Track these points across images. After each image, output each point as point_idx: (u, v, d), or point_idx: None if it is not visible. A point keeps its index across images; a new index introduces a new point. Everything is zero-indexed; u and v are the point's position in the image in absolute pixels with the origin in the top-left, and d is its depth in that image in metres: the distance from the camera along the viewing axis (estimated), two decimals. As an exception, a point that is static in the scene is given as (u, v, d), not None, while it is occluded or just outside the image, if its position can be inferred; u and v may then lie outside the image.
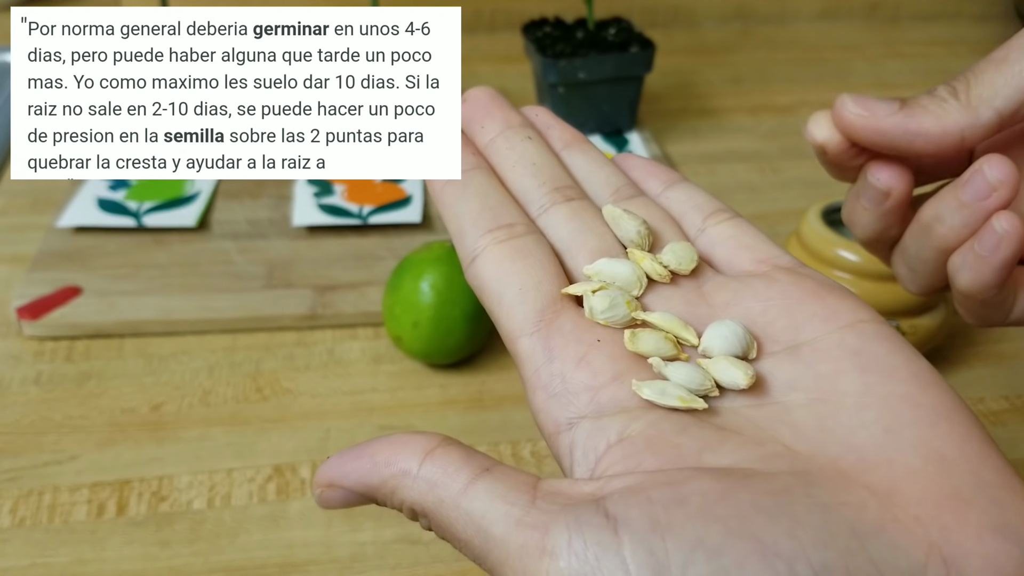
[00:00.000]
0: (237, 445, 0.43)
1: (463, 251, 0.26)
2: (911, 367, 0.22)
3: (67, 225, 0.56)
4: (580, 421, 0.22)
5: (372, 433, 0.44)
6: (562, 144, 0.29)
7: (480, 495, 0.20)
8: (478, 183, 0.27)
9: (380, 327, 0.51)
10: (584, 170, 0.29)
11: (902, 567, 0.18)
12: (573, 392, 0.22)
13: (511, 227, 0.25)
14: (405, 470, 0.21)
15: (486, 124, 0.29)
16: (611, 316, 0.24)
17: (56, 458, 0.42)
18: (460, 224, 0.26)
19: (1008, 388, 0.49)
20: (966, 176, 0.26)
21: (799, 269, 0.25)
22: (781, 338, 0.23)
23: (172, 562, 0.38)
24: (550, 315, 0.24)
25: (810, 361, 0.22)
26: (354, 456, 0.22)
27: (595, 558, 0.18)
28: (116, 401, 0.45)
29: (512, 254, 0.25)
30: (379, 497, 0.21)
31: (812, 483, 0.19)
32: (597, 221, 0.26)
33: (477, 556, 0.20)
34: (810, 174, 0.68)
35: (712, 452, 0.20)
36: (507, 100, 0.30)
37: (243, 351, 0.49)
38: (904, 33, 0.98)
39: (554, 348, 0.23)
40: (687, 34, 0.95)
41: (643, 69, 0.68)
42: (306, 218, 0.58)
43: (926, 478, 0.19)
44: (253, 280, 0.53)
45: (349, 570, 0.38)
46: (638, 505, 0.18)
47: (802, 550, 0.17)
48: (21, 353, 0.48)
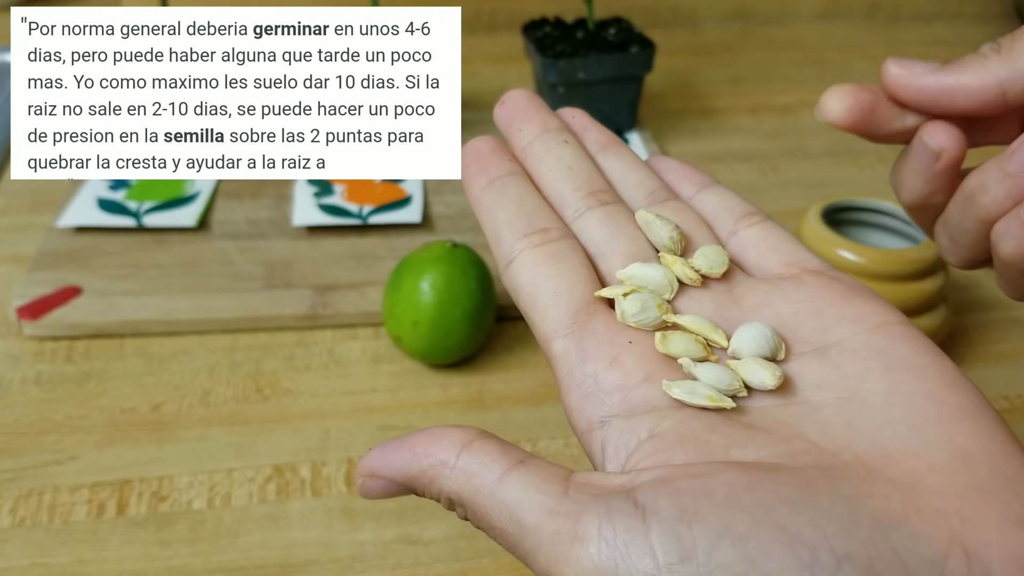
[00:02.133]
0: (237, 445, 0.43)
1: (500, 255, 0.26)
2: (937, 367, 0.22)
3: (67, 225, 0.56)
4: (612, 419, 0.22)
5: (372, 433, 0.44)
6: (598, 147, 0.30)
7: (515, 485, 0.21)
8: (515, 188, 0.27)
9: (380, 327, 0.51)
10: (619, 173, 0.29)
11: (924, 556, 0.18)
12: (606, 392, 0.23)
13: (546, 232, 0.26)
14: (443, 460, 0.22)
15: (524, 128, 0.29)
16: (642, 319, 0.24)
17: (56, 458, 0.42)
18: (497, 229, 0.27)
19: (1008, 388, 0.49)
20: (1013, 147, 0.26)
21: (828, 272, 0.26)
22: (810, 340, 0.24)
23: (172, 562, 0.38)
24: (583, 317, 0.24)
25: (838, 362, 0.23)
26: (395, 448, 0.22)
27: (624, 544, 0.18)
28: (116, 401, 0.45)
29: (547, 258, 0.25)
30: (418, 487, 0.22)
31: (837, 476, 0.20)
32: (630, 226, 0.27)
33: (511, 544, 0.21)
34: (810, 174, 0.68)
35: (740, 448, 0.21)
36: (544, 103, 0.30)
37: (243, 351, 0.49)
38: (904, 33, 0.98)
39: (587, 349, 0.24)
40: (687, 34, 0.95)
41: (643, 69, 0.68)
42: (306, 218, 0.58)
43: (949, 472, 0.20)
44: (253, 280, 0.53)
45: (349, 570, 0.38)
46: (667, 495, 0.19)
47: (826, 539, 0.18)
48: (21, 353, 0.48)
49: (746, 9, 0.98)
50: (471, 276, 0.46)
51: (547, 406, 0.46)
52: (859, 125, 0.28)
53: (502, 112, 0.30)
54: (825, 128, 0.78)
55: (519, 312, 0.25)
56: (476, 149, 0.29)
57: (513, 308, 0.51)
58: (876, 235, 0.51)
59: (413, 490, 0.22)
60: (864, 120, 0.28)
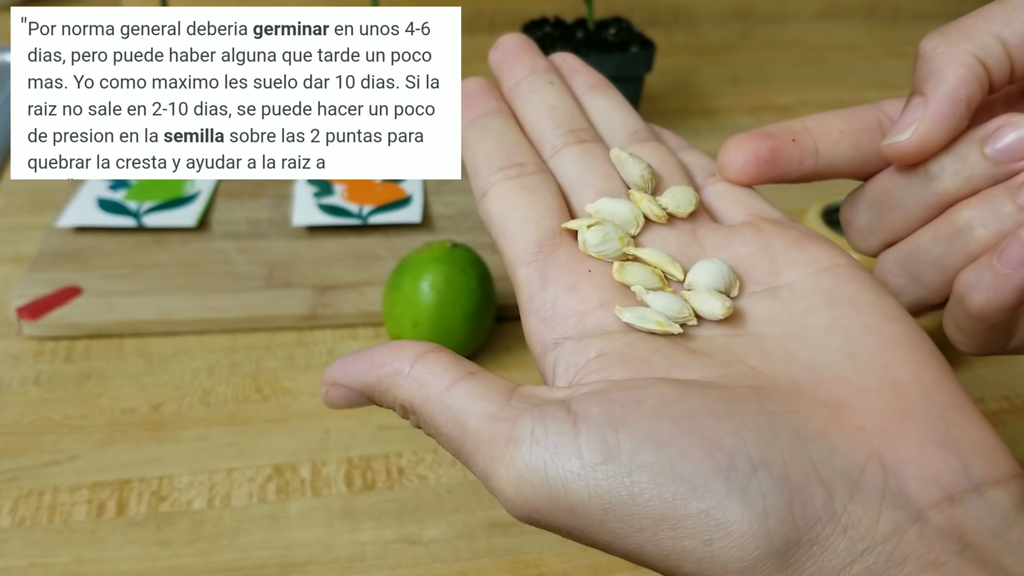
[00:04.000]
0: (237, 445, 0.43)
1: (476, 186, 0.27)
2: (879, 303, 0.23)
3: (67, 225, 0.56)
4: (565, 341, 0.23)
5: (372, 433, 0.44)
6: (585, 87, 0.31)
7: (462, 393, 0.22)
8: (497, 125, 0.28)
9: (380, 327, 0.51)
10: (604, 112, 0.30)
11: (840, 468, 0.19)
12: (562, 316, 0.24)
13: (521, 166, 0.27)
14: (398, 370, 0.23)
15: (513, 68, 0.30)
16: (603, 250, 0.25)
17: (56, 458, 0.42)
18: (476, 162, 0.28)
19: (1008, 388, 0.49)
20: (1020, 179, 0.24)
21: (786, 222, 0.26)
22: (763, 280, 0.25)
23: (172, 562, 0.38)
24: (548, 247, 0.25)
25: (787, 300, 0.24)
26: (355, 358, 0.24)
27: (554, 445, 0.20)
28: (116, 401, 0.45)
29: (519, 190, 0.26)
30: (375, 395, 0.23)
31: (766, 395, 0.20)
32: (605, 163, 0.28)
33: (455, 448, 0.22)
34: (810, 174, 0.68)
35: (680, 368, 0.22)
36: (536, 47, 0.31)
37: (243, 351, 0.49)
38: (904, 33, 0.98)
39: (548, 276, 0.25)
40: (687, 34, 0.95)
41: (643, 69, 0.68)
42: (306, 218, 0.58)
43: (878, 396, 0.20)
44: (253, 280, 0.53)
45: (349, 570, 0.38)
46: (599, 403, 0.20)
47: (744, 446, 0.19)
48: (21, 353, 0.48)
49: (746, 9, 0.98)
50: (471, 276, 0.46)
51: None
52: (762, 177, 0.28)
53: (495, 55, 0.31)
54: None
55: (519, 312, 0.25)
56: (467, 88, 0.30)
57: (513, 308, 0.51)
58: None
59: (372, 398, 0.24)
60: (764, 171, 0.28)
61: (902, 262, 0.28)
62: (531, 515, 0.20)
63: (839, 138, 0.28)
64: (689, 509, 0.18)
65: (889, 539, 0.18)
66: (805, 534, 0.18)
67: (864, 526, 0.18)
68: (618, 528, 0.19)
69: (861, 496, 0.18)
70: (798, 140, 0.28)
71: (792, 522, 0.18)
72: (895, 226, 0.27)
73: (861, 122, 0.28)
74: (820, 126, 0.28)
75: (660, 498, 0.18)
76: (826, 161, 0.28)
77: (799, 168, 0.28)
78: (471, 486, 0.42)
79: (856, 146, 0.28)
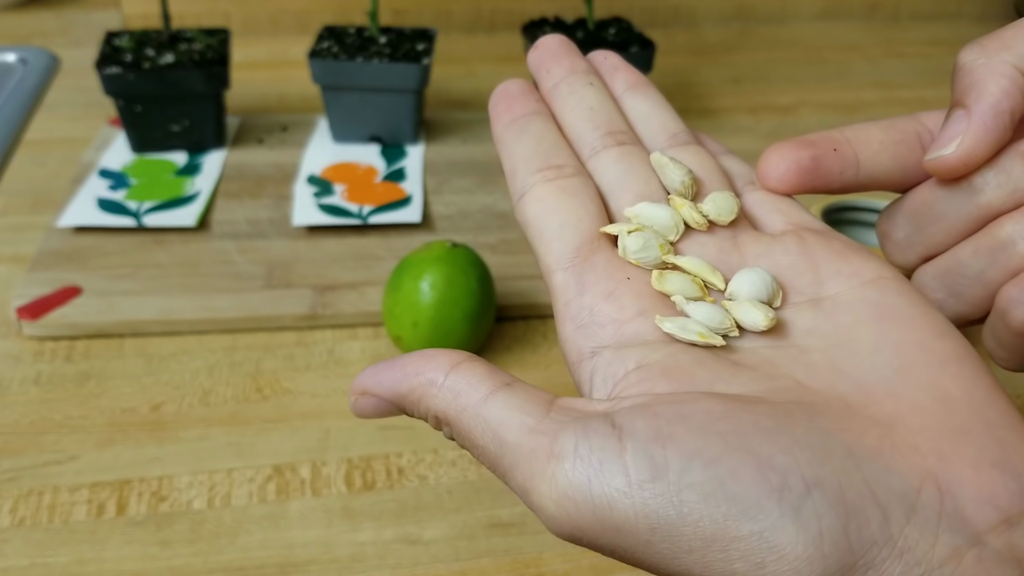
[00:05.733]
0: (237, 445, 0.43)
1: (514, 188, 0.27)
2: (927, 318, 0.22)
3: (67, 225, 0.56)
4: (603, 350, 0.23)
5: (372, 433, 0.44)
6: (625, 86, 0.30)
7: (499, 405, 0.21)
8: (536, 127, 0.28)
9: (380, 327, 0.51)
10: (643, 113, 0.29)
11: (896, 489, 0.18)
12: (599, 324, 0.23)
13: (560, 168, 0.26)
14: (432, 379, 0.22)
15: (552, 69, 0.30)
16: (643, 257, 0.24)
17: (56, 458, 0.42)
18: (514, 164, 0.27)
19: (1008, 388, 0.49)
20: None
21: (828, 232, 0.26)
22: (806, 291, 0.24)
23: (172, 562, 0.38)
24: (586, 252, 0.25)
25: (831, 313, 0.23)
26: (387, 367, 0.23)
27: (599, 462, 0.19)
28: (116, 401, 0.45)
29: (558, 192, 0.26)
30: (407, 405, 0.23)
31: (816, 412, 0.20)
32: (644, 166, 0.27)
33: (492, 462, 0.21)
34: (810, 174, 0.68)
35: (724, 382, 0.21)
36: (576, 47, 0.31)
37: (243, 351, 0.49)
38: (904, 33, 0.98)
39: (586, 283, 0.24)
40: (687, 34, 0.95)
41: (643, 69, 0.68)
42: (306, 218, 0.58)
43: (930, 414, 0.20)
44: (253, 280, 0.53)
45: (349, 570, 0.38)
46: (644, 418, 0.19)
47: (797, 465, 0.18)
48: (21, 353, 0.48)
49: (746, 9, 0.98)
50: (471, 276, 0.46)
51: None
52: (803, 186, 0.27)
53: (534, 55, 0.31)
54: (825, 128, 0.78)
55: (519, 312, 0.25)
56: (506, 89, 0.29)
57: (513, 308, 0.52)
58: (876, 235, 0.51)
59: (403, 408, 0.23)
60: (806, 180, 0.27)
61: (941, 276, 0.27)
62: (573, 533, 0.19)
63: (879, 149, 0.27)
64: (741, 531, 0.18)
65: (947, 563, 0.17)
66: (861, 558, 0.17)
67: (921, 550, 0.17)
68: (666, 549, 0.18)
69: (917, 519, 0.18)
70: (840, 150, 0.27)
71: (848, 545, 0.17)
72: (935, 239, 0.27)
73: (901, 133, 0.28)
74: (860, 136, 0.28)
75: (711, 518, 0.18)
76: (867, 172, 0.27)
77: (840, 178, 0.27)
78: (471, 486, 0.42)
79: (896, 157, 0.27)
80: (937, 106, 0.28)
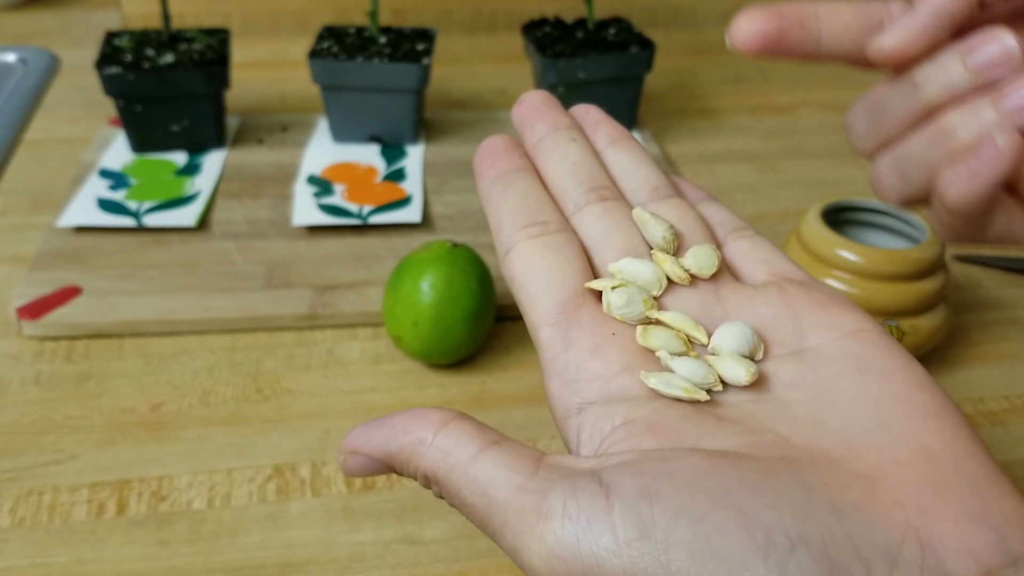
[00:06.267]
0: (237, 445, 0.43)
1: (499, 244, 0.27)
2: (907, 371, 0.23)
3: (67, 225, 0.56)
4: (589, 406, 0.23)
5: (372, 433, 0.44)
6: (607, 140, 0.31)
7: (487, 464, 0.21)
8: (521, 183, 0.28)
9: (380, 327, 0.51)
10: (625, 167, 0.30)
11: (878, 544, 0.18)
12: (586, 379, 0.24)
13: (544, 224, 0.27)
14: (421, 439, 0.22)
15: (536, 125, 0.30)
16: (627, 312, 0.25)
17: (56, 458, 0.42)
18: (499, 219, 0.28)
19: (1008, 388, 0.49)
20: (975, 42, 0.26)
21: (809, 283, 0.26)
22: (787, 343, 0.24)
23: (172, 562, 0.38)
24: (572, 308, 0.25)
25: (812, 365, 0.23)
26: (376, 426, 0.23)
27: (587, 520, 0.19)
28: (116, 401, 0.45)
29: (543, 249, 0.26)
30: (396, 464, 0.23)
31: (800, 466, 0.20)
32: (627, 221, 0.28)
33: (481, 520, 0.21)
34: (810, 174, 0.68)
35: (709, 437, 0.21)
36: (559, 103, 0.31)
37: (243, 351, 0.49)
38: (904, 33, 0.98)
39: (572, 338, 0.24)
40: (687, 34, 0.95)
41: (643, 69, 0.68)
42: (306, 218, 0.58)
43: (911, 467, 0.20)
44: (253, 280, 0.53)
45: (349, 570, 0.38)
46: (631, 475, 0.20)
47: (781, 521, 0.18)
48: (21, 353, 0.48)
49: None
50: (471, 276, 0.46)
51: (546, 406, 0.46)
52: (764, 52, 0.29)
53: (518, 111, 0.31)
54: (825, 128, 0.79)
55: (519, 312, 0.25)
56: (491, 145, 0.30)
57: (513, 308, 0.52)
58: (876, 235, 0.51)
59: (392, 467, 0.23)
60: (769, 47, 0.29)
61: (894, 162, 0.29)
62: None
63: (843, 31, 0.29)
64: None
65: None
66: None
67: None
68: None
69: (900, 573, 0.18)
70: (806, 26, 0.29)
71: None
72: (888, 130, 0.29)
73: (867, 19, 0.29)
74: (831, 15, 0.29)
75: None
76: (826, 50, 0.30)
77: (800, 51, 0.29)
78: (471, 486, 0.42)
79: (856, 40, 0.30)
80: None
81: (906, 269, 0.45)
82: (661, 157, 0.68)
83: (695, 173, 0.68)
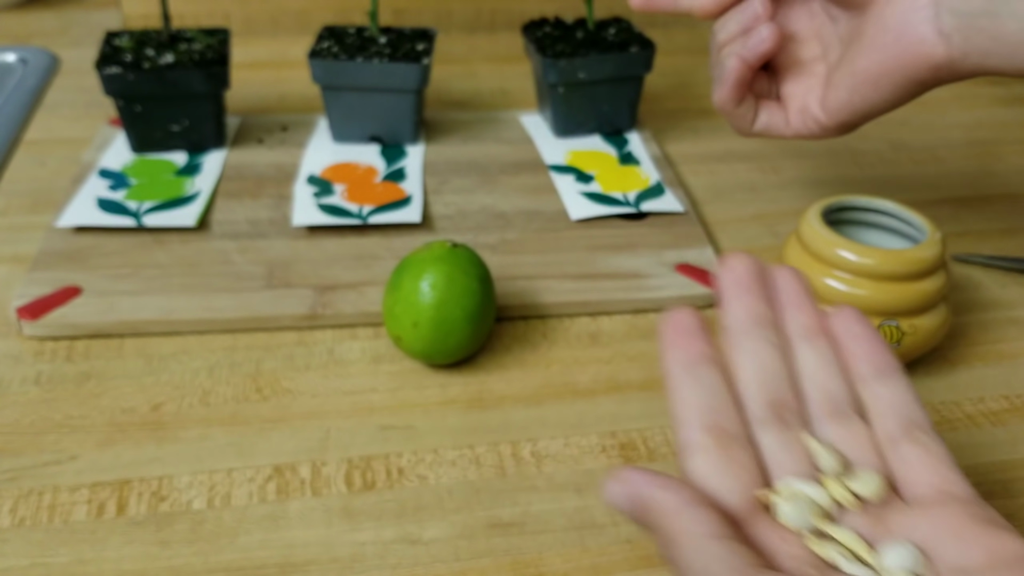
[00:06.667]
0: (237, 445, 0.43)
1: (680, 434, 0.29)
2: None
3: (67, 225, 0.56)
4: None
5: (372, 433, 0.44)
6: (801, 332, 0.32)
7: None
8: (710, 380, 0.30)
9: (380, 327, 0.51)
10: (811, 369, 0.32)
11: None
12: None
13: (726, 431, 0.29)
14: None
15: (736, 311, 0.32)
16: (799, 522, 0.27)
17: (56, 458, 0.42)
18: (685, 412, 0.29)
19: (1008, 388, 0.49)
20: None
21: (975, 501, 0.28)
22: (951, 562, 0.26)
23: (172, 562, 0.38)
24: (742, 516, 0.27)
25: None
26: None
27: None
28: (116, 401, 0.45)
29: (723, 456, 0.28)
30: None
31: None
32: (799, 444, 0.30)
33: None
34: (810, 174, 0.68)
35: None
36: (763, 272, 0.33)
37: (243, 351, 0.49)
38: (904, 33, 0.98)
39: None
40: (687, 34, 0.95)
41: (643, 69, 0.68)
42: (306, 218, 0.58)
43: None
44: (253, 280, 0.53)
45: (349, 570, 0.38)
46: None
47: None
48: (21, 353, 0.48)
49: (746, 9, 0.98)
50: (471, 276, 0.46)
51: (547, 406, 0.46)
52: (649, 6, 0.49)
53: (725, 278, 0.33)
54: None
55: (519, 312, 0.25)
56: (680, 322, 0.31)
57: (513, 308, 0.52)
58: (876, 235, 0.51)
59: None
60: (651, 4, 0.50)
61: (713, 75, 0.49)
62: None
63: None
64: None
65: None
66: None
67: None
68: None
69: None
70: None
71: None
72: (714, 70, 0.49)
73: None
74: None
75: None
76: (684, 8, 0.50)
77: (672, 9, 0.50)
78: (471, 486, 0.42)
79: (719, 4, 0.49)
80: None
81: (906, 269, 0.45)
82: (661, 157, 0.68)
83: (695, 173, 0.68)
